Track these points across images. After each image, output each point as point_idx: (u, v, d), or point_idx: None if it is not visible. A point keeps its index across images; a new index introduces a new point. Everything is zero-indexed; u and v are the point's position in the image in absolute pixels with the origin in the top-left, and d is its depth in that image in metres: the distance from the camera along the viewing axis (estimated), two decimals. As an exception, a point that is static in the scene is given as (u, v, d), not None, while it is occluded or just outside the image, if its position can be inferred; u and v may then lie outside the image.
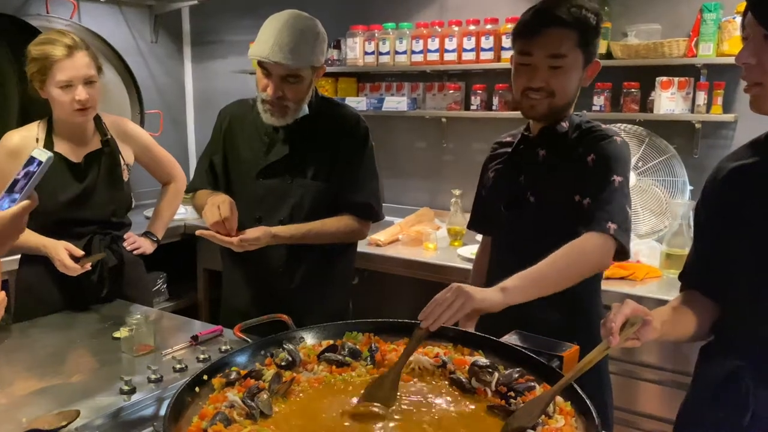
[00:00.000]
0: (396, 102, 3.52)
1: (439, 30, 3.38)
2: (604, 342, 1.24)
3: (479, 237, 3.06)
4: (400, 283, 3.22)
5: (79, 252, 2.19)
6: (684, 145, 2.96)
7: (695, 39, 2.79)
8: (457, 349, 1.48)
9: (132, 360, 1.81)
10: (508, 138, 1.92)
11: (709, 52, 2.76)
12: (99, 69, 2.23)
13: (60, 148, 2.22)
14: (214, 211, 1.93)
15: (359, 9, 3.74)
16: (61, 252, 2.16)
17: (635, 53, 2.90)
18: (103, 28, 3.78)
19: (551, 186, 1.71)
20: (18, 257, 2.35)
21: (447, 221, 3.23)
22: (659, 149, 2.91)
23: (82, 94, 2.13)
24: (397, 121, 3.73)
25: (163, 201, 2.59)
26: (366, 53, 3.55)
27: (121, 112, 3.54)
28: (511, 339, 1.49)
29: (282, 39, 1.90)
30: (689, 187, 2.86)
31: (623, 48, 2.93)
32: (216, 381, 1.35)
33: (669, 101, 2.88)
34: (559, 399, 1.26)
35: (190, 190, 2.34)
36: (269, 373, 1.38)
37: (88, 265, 2.19)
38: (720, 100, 2.83)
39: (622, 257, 1.61)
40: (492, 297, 1.41)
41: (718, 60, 2.76)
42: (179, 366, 1.71)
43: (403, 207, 3.71)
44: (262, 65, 1.96)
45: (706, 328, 1.43)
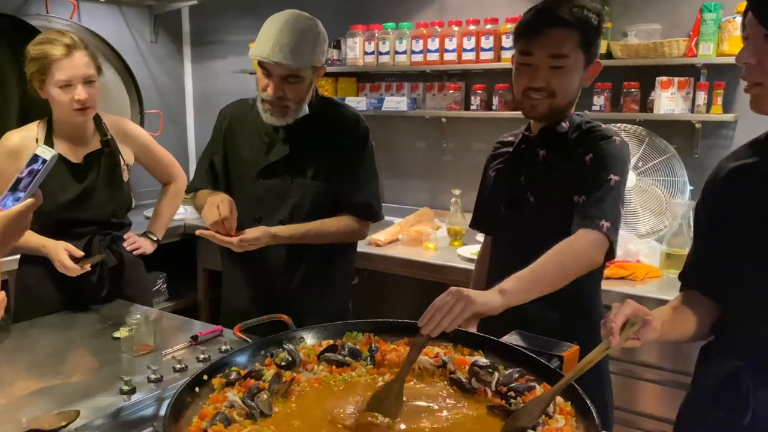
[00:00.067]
0: (396, 102, 3.52)
1: (439, 30, 3.38)
2: (604, 342, 1.24)
3: (479, 237, 3.08)
4: (400, 283, 3.22)
5: (79, 253, 2.19)
6: (684, 145, 2.96)
7: (695, 39, 2.79)
8: (457, 349, 1.48)
9: (132, 360, 1.81)
10: (509, 138, 1.92)
11: (709, 52, 2.76)
12: (98, 69, 2.23)
13: (60, 148, 2.21)
14: (213, 211, 1.93)
15: (359, 9, 3.73)
16: (61, 253, 2.16)
17: (635, 53, 2.90)
18: (103, 28, 3.77)
19: (551, 186, 1.71)
20: (18, 257, 2.35)
21: (447, 221, 3.23)
22: (659, 149, 2.91)
23: (81, 93, 2.13)
24: (397, 121, 3.73)
25: (164, 201, 2.59)
26: (366, 53, 3.55)
27: (121, 112, 3.54)
28: (511, 339, 1.49)
29: (282, 39, 1.90)
30: (689, 187, 2.87)
31: (623, 48, 2.93)
32: (216, 381, 1.35)
33: (669, 101, 2.88)
34: (560, 399, 1.26)
35: (190, 190, 2.34)
36: (269, 373, 1.38)
37: (87, 266, 2.20)
38: (720, 100, 2.83)
39: (608, 257, 1.60)
40: (492, 300, 1.39)
41: (718, 60, 2.76)
42: (179, 366, 1.71)
43: (403, 207, 3.71)
44: (262, 65, 1.96)
45: (706, 328, 1.43)
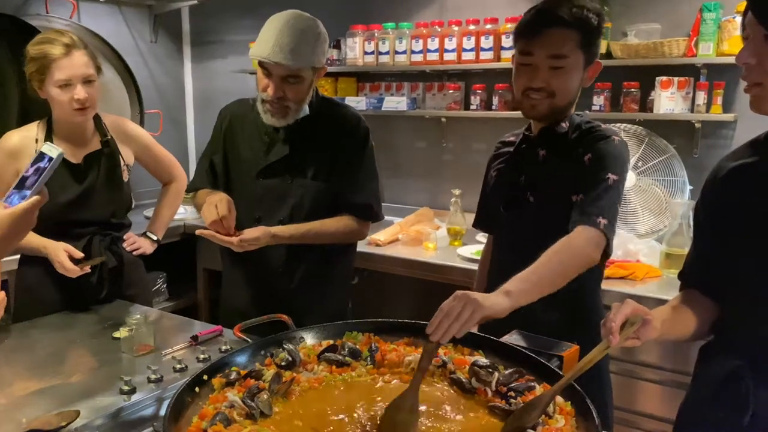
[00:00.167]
0: (396, 102, 3.52)
1: (439, 30, 3.38)
2: (604, 341, 1.24)
3: (479, 237, 3.09)
4: (400, 283, 3.22)
5: (79, 254, 2.19)
6: (684, 145, 2.96)
7: (695, 39, 2.79)
8: (457, 349, 1.48)
9: (132, 360, 1.81)
10: (511, 137, 1.92)
11: (709, 51, 2.76)
12: (98, 69, 2.22)
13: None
14: (211, 210, 1.93)
15: (359, 9, 3.73)
16: (61, 254, 2.16)
17: (635, 53, 2.90)
18: (103, 28, 3.77)
19: (551, 186, 1.71)
20: (18, 257, 2.35)
21: (447, 221, 3.23)
22: (659, 149, 2.91)
23: (81, 93, 2.13)
24: (397, 121, 3.73)
25: (164, 201, 2.59)
26: (366, 53, 3.55)
27: (121, 112, 3.54)
28: (511, 339, 1.50)
29: (283, 39, 1.90)
30: (689, 187, 2.87)
31: (623, 48, 2.93)
32: (216, 381, 1.35)
33: (669, 101, 2.88)
34: (560, 399, 1.27)
35: (190, 189, 2.34)
36: (269, 373, 1.38)
37: (87, 268, 2.20)
38: (720, 99, 2.83)
39: (605, 256, 1.60)
40: (499, 303, 1.36)
41: (717, 60, 2.76)
42: (179, 366, 1.71)
43: (403, 207, 3.71)
44: (262, 65, 1.96)
45: (705, 327, 1.43)
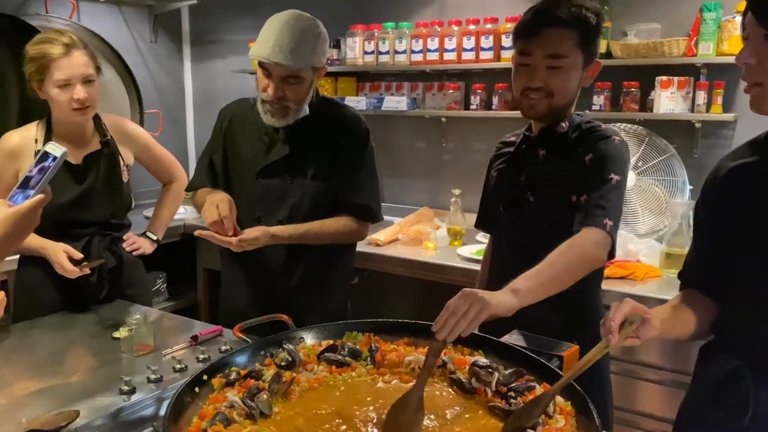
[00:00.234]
0: (395, 101, 3.52)
1: (439, 29, 3.38)
2: (603, 341, 1.24)
3: (480, 236, 3.10)
4: (399, 283, 3.22)
5: (78, 255, 2.19)
6: (684, 145, 2.96)
7: (695, 38, 2.79)
8: (457, 349, 1.48)
9: (132, 360, 1.81)
10: (511, 138, 1.92)
11: (709, 51, 2.76)
12: (98, 68, 2.22)
13: (59, 148, 2.21)
14: (212, 210, 1.93)
15: (359, 8, 3.73)
16: (60, 255, 2.16)
17: (635, 53, 2.90)
18: (103, 27, 3.77)
19: (551, 186, 1.71)
20: (17, 258, 2.35)
21: (447, 221, 3.23)
22: (659, 149, 2.91)
23: (80, 93, 2.12)
24: (397, 121, 3.73)
25: (164, 201, 2.58)
26: (365, 53, 3.55)
27: (121, 111, 3.53)
28: (511, 339, 1.50)
29: (283, 39, 1.90)
30: (689, 187, 2.87)
31: (623, 47, 2.93)
32: (216, 381, 1.35)
33: (669, 101, 2.88)
34: (560, 399, 1.27)
35: (190, 188, 2.34)
36: (269, 374, 1.38)
37: (86, 270, 2.19)
38: (720, 99, 2.83)
39: (609, 256, 1.60)
40: (506, 301, 1.34)
41: (717, 59, 2.76)
42: (179, 366, 1.71)
43: (403, 206, 3.71)
44: (262, 66, 1.96)
45: (705, 327, 1.43)
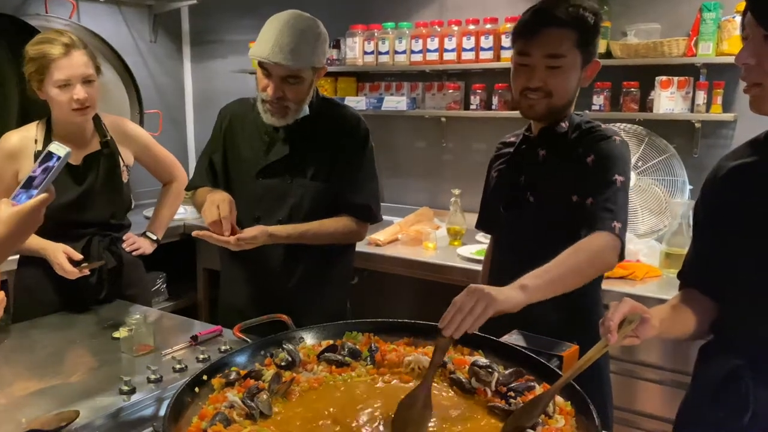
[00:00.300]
0: (395, 101, 3.52)
1: (439, 29, 3.38)
2: (602, 340, 1.24)
3: (479, 236, 3.10)
4: (399, 283, 3.22)
5: (78, 256, 2.19)
6: (683, 145, 2.96)
7: (695, 38, 2.79)
8: (457, 349, 1.47)
9: (132, 360, 1.81)
10: (511, 138, 1.92)
11: (709, 51, 2.76)
12: (97, 68, 2.21)
13: (59, 149, 2.21)
14: (213, 210, 1.93)
15: (359, 8, 3.73)
16: (60, 256, 2.16)
17: (635, 53, 2.90)
18: (103, 27, 3.77)
19: (551, 186, 1.71)
20: (17, 258, 2.35)
21: (446, 221, 3.23)
22: (659, 149, 2.91)
23: (80, 93, 2.12)
24: (397, 121, 3.73)
25: (164, 201, 2.58)
26: (365, 53, 3.55)
27: (121, 112, 3.54)
28: (511, 339, 1.50)
29: (282, 39, 1.90)
30: (689, 187, 2.87)
31: (623, 47, 2.93)
32: (216, 381, 1.35)
33: (668, 101, 2.88)
34: (559, 399, 1.27)
35: (189, 187, 2.33)
36: (269, 374, 1.38)
37: (86, 271, 2.19)
38: (719, 99, 2.83)
39: (619, 258, 1.60)
40: (513, 297, 1.34)
41: (717, 59, 2.76)
42: (179, 366, 1.71)
43: (403, 206, 3.71)
44: (262, 65, 1.96)
45: (705, 326, 1.43)
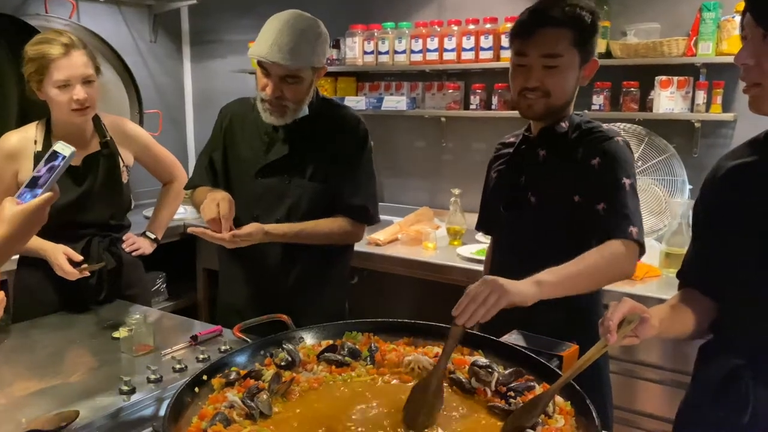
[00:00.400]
0: (395, 101, 3.52)
1: (439, 29, 3.38)
2: (602, 340, 1.24)
3: (479, 236, 3.09)
4: (399, 283, 3.22)
5: (78, 257, 2.19)
6: (683, 145, 2.96)
7: (694, 38, 2.79)
8: (457, 349, 1.47)
9: (131, 360, 1.81)
10: (511, 138, 1.92)
11: (709, 51, 2.76)
12: (97, 68, 2.21)
13: (58, 149, 2.21)
14: (212, 208, 1.92)
15: (358, 8, 3.73)
16: (60, 257, 2.16)
17: (634, 52, 2.90)
18: (102, 27, 3.77)
19: (551, 186, 1.71)
20: (17, 258, 2.34)
21: (446, 220, 3.23)
22: (658, 148, 2.91)
23: (80, 93, 2.11)
24: (397, 121, 3.73)
25: (164, 201, 2.58)
26: (365, 53, 3.55)
27: (120, 111, 3.53)
28: (511, 339, 1.50)
29: (282, 39, 1.90)
30: (688, 186, 2.87)
31: (622, 47, 2.93)
32: (215, 381, 1.35)
33: (668, 100, 2.88)
34: (559, 399, 1.27)
35: (189, 186, 2.33)
36: (269, 374, 1.38)
37: (86, 272, 2.19)
38: (719, 99, 2.83)
39: (639, 256, 1.62)
40: (527, 291, 1.38)
41: (717, 59, 2.76)
42: (179, 366, 1.71)
43: (403, 206, 3.71)
44: (261, 65, 1.96)
45: (704, 326, 1.43)
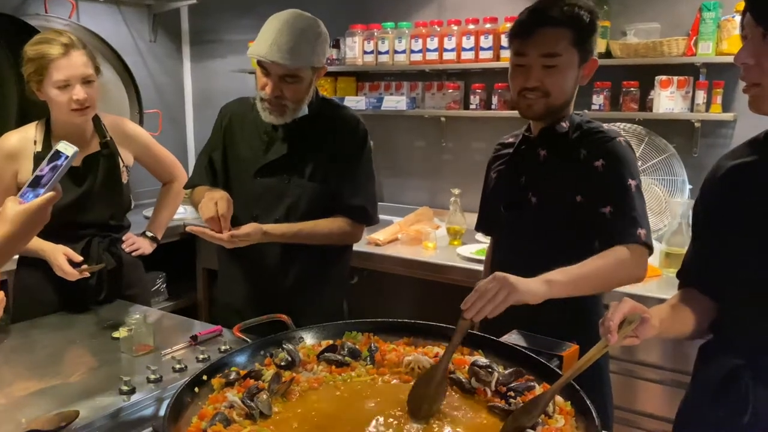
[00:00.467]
0: (395, 101, 3.52)
1: (438, 29, 3.38)
2: (602, 340, 1.24)
3: (479, 236, 3.09)
4: (399, 283, 3.22)
5: (78, 258, 2.18)
6: (683, 144, 2.96)
7: (694, 38, 2.79)
8: (458, 349, 1.47)
9: (131, 360, 1.81)
10: (510, 139, 1.92)
11: (709, 51, 2.76)
12: (97, 68, 2.20)
13: (58, 150, 2.20)
14: (210, 207, 1.92)
15: (358, 8, 3.73)
16: (60, 257, 2.15)
17: (634, 52, 2.90)
18: (102, 27, 3.77)
19: (552, 186, 1.71)
20: (17, 258, 2.34)
21: (446, 220, 3.23)
22: (658, 148, 2.91)
23: (80, 93, 2.11)
24: (397, 121, 3.73)
25: (164, 200, 2.58)
26: (365, 52, 3.55)
27: (120, 111, 3.53)
28: (511, 339, 1.50)
29: (281, 38, 1.89)
30: (688, 186, 2.87)
31: (622, 47, 2.93)
32: (215, 381, 1.35)
33: (668, 100, 2.88)
34: (559, 399, 1.27)
35: (188, 186, 2.33)
36: (269, 373, 1.38)
37: (86, 273, 2.19)
38: (719, 99, 2.82)
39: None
40: (537, 289, 1.40)
41: (717, 59, 2.76)
42: (179, 366, 1.71)
43: (403, 206, 3.71)
44: (261, 64, 1.96)
45: (704, 326, 1.43)
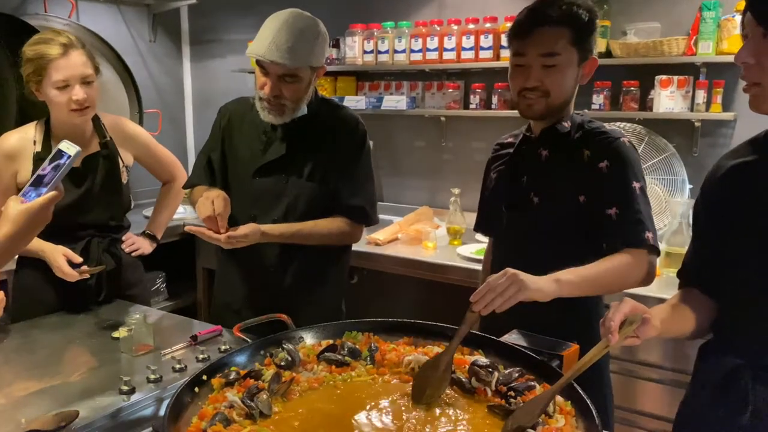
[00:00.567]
0: (395, 101, 3.52)
1: (438, 29, 3.38)
2: (603, 340, 1.24)
3: (479, 236, 3.09)
4: (399, 282, 3.22)
5: (78, 259, 2.18)
6: (683, 144, 2.96)
7: (695, 37, 2.79)
8: (458, 349, 1.47)
9: (131, 360, 1.81)
10: (509, 139, 1.91)
11: (709, 50, 2.76)
12: (96, 68, 2.20)
13: (57, 150, 2.20)
14: (207, 206, 1.92)
15: (358, 8, 3.73)
16: (59, 258, 2.15)
17: (634, 52, 2.90)
18: (102, 27, 3.77)
19: (554, 186, 1.71)
20: (17, 258, 2.34)
21: (446, 220, 3.23)
22: (659, 148, 2.91)
23: (79, 93, 2.11)
24: (396, 120, 3.73)
25: (163, 200, 2.57)
26: (365, 52, 3.55)
27: (120, 111, 3.53)
28: (511, 338, 1.50)
29: (280, 38, 1.89)
30: (689, 186, 2.87)
31: (622, 46, 2.93)
32: (215, 381, 1.35)
33: (668, 100, 2.88)
34: (560, 398, 1.27)
35: (187, 186, 2.33)
36: (269, 373, 1.38)
37: (86, 274, 2.19)
38: (719, 98, 2.82)
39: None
40: (546, 287, 1.41)
41: (717, 58, 2.76)
42: (178, 366, 1.71)
43: (403, 206, 3.71)
44: (260, 64, 1.95)
45: (705, 325, 1.44)
